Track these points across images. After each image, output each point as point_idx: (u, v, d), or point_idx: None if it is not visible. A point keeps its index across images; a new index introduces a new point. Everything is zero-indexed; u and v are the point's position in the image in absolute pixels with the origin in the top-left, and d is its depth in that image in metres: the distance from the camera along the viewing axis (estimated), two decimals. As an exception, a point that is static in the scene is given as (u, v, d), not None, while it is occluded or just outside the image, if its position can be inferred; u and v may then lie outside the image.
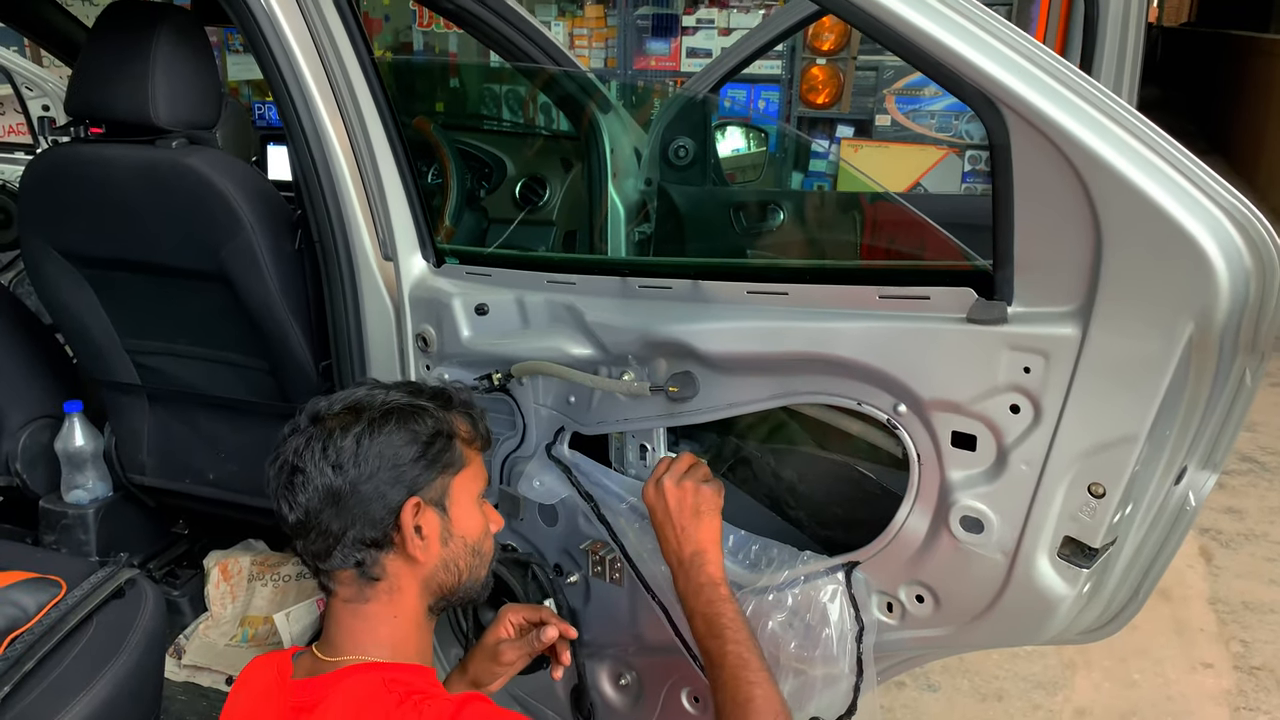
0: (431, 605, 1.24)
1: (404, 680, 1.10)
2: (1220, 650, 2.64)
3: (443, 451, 1.21)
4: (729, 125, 3.06)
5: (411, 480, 1.17)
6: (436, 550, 1.20)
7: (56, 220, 1.92)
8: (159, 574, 2.35)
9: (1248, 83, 9.31)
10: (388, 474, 1.16)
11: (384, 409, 1.19)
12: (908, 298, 1.17)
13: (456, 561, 1.23)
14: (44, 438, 2.22)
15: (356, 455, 1.15)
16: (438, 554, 1.21)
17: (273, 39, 1.55)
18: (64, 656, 1.43)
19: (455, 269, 1.61)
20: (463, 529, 1.23)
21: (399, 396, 1.22)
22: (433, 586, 1.22)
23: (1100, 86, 0.99)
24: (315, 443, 1.16)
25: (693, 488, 1.33)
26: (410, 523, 1.17)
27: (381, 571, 1.18)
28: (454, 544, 1.22)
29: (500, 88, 4.04)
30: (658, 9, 5.48)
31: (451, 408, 1.26)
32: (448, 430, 1.22)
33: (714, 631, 1.23)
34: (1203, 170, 0.97)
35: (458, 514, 1.22)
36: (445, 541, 1.21)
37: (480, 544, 1.26)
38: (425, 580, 1.21)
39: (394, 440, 1.17)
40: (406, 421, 1.19)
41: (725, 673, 1.20)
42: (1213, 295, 0.96)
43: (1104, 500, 1.09)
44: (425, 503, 1.18)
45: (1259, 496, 3.47)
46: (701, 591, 1.27)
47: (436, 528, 1.20)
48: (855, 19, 1.07)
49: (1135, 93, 2.11)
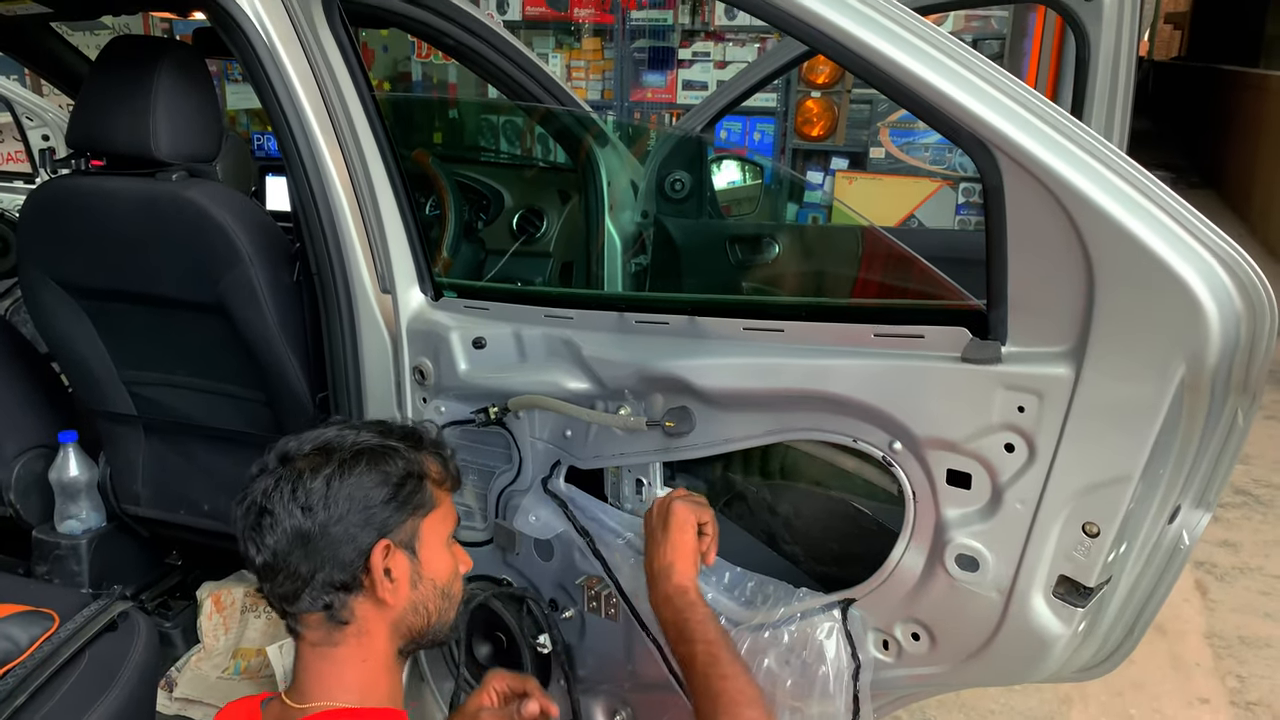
0: (401, 648, 1.22)
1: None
2: (1216, 685, 2.63)
3: (413, 493, 1.19)
4: (725, 159, 3.08)
5: (381, 522, 1.16)
6: (406, 593, 1.19)
7: (55, 251, 1.93)
8: (151, 605, 2.33)
9: (1238, 117, 9.41)
10: (358, 516, 1.15)
11: (354, 450, 1.18)
12: (903, 336, 1.18)
13: (426, 604, 1.22)
14: (38, 467, 2.21)
15: (326, 497, 1.14)
16: (407, 596, 1.19)
17: (273, 72, 1.57)
18: (56, 691, 1.42)
19: (453, 302, 1.62)
20: (432, 571, 1.22)
21: (369, 437, 1.21)
22: (402, 629, 1.21)
23: (1092, 131, 1.01)
24: (284, 484, 1.15)
25: (667, 503, 1.35)
26: (380, 565, 1.15)
27: (350, 615, 1.16)
28: (423, 586, 1.21)
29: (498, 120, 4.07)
30: (654, 42, 5.53)
31: (422, 448, 1.24)
32: (418, 471, 1.21)
33: (684, 637, 1.24)
34: (1192, 214, 0.99)
35: (427, 556, 1.21)
36: (415, 584, 1.20)
37: (449, 586, 1.25)
38: (394, 623, 1.20)
39: (364, 482, 1.16)
40: (377, 463, 1.18)
41: (697, 673, 1.20)
42: (1204, 337, 0.97)
43: (1098, 539, 1.10)
44: (395, 545, 1.17)
45: (1253, 530, 3.47)
46: (670, 601, 1.29)
47: (406, 570, 1.18)
48: (852, 64, 1.09)
49: (1127, 129, 2.13)
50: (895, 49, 1.05)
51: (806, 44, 1.13)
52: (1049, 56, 4.28)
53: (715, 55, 5.42)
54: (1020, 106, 1.02)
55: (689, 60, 5.48)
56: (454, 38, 2.16)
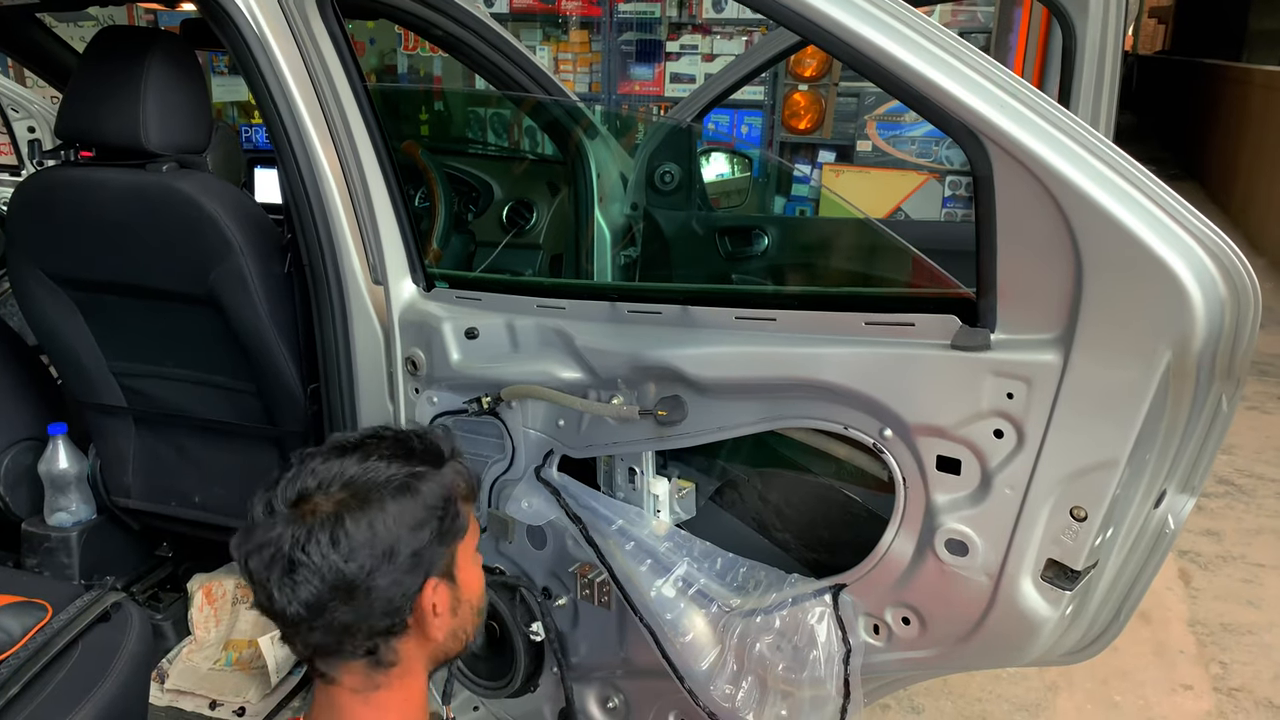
0: (432, 673, 1.19)
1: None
2: (1200, 672, 2.66)
3: (453, 520, 1.13)
4: (713, 151, 3.09)
5: (429, 561, 1.09)
6: (449, 623, 1.14)
7: (45, 243, 1.92)
8: (142, 597, 2.33)
9: (1221, 110, 9.48)
10: (406, 560, 1.07)
11: (392, 486, 1.08)
12: (893, 324, 1.20)
13: (465, 627, 1.18)
14: (27, 460, 2.21)
15: (372, 544, 1.05)
16: (449, 626, 1.14)
17: (264, 63, 1.57)
18: (49, 681, 1.43)
19: (445, 293, 1.63)
20: (470, 593, 1.18)
21: (397, 468, 1.10)
22: (438, 657, 1.18)
23: (1079, 120, 1.03)
24: (320, 531, 1.04)
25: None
26: (430, 604, 1.10)
27: (395, 657, 1.10)
28: (462, 610, 1.16)
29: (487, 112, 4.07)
30: (642, 35, 5.53)
31: (444, 462, 1.16)
32: (451, 494, 1.13)
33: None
34: (1178, 202, 1.00)
35: (465, 578, 1.16)
36: (455, 611, 1.15)
37: (483, 600, 1.22)
38: (434, 655, 1.16)
39: (406, 520, 1.07)
40: (415, 496, 1.09)
41: None
42: (1189, 323, 0.99)
43: (1086, 523, 1.11)
44: (439, 578, 1.12)
45: (1236, 519, 3.51)
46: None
47: (447, 600, 1.13)
48: (843, 54, 1.10)
49: (1112, 121, 2.15)
50: (887, 39, 1.06)
51: (800, 35, 1.15)
52: (1035, 50, 4.30)
53: (703, 48, 5.43)
54: (1010, 96, 1.04)
55: (676, 53, 5.49)
56: (443, 29, 2.16)
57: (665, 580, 1.44)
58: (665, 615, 1.43)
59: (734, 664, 1.40)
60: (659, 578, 1.45)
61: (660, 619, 1.43)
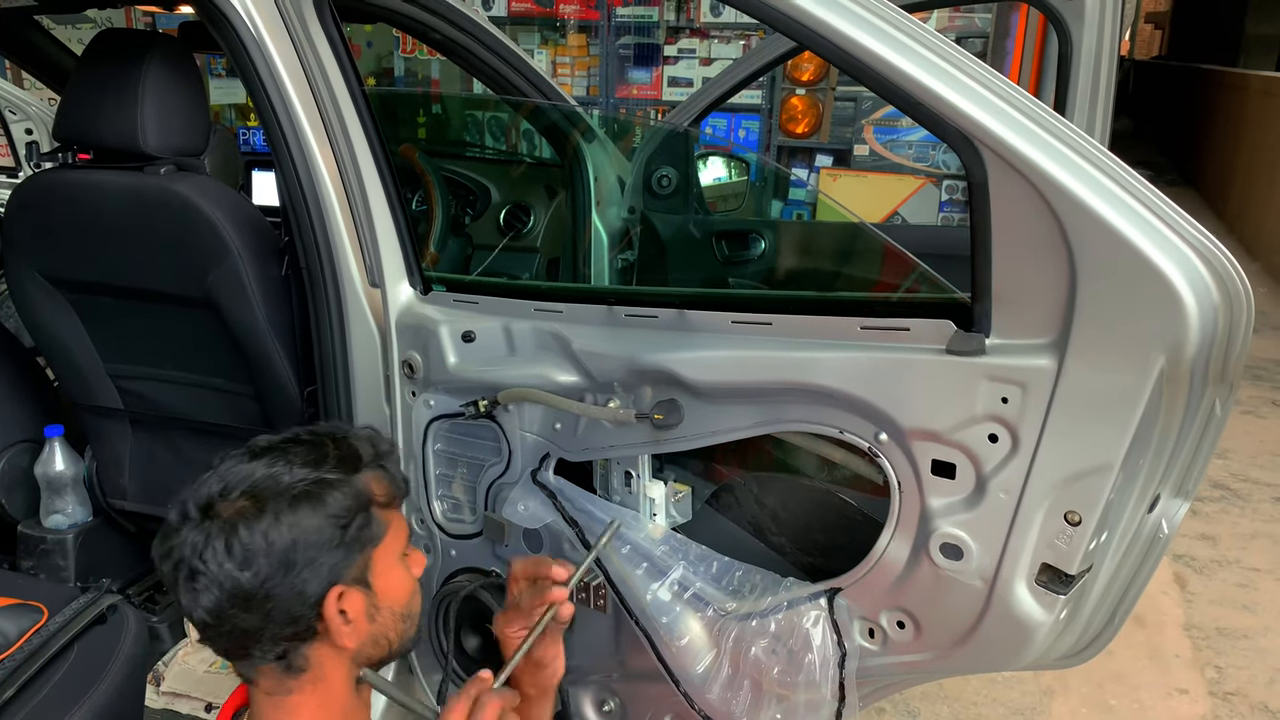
0: (359, 678, 1.15)
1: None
2: (1195, 676, 2.67)
3: (362, 528, 1.10)
4: (710, 155, 3.10)
5: (331, 569, 1.07)
6: (365, 629, 1.12)
7: (42, 245, 1.92)
8: (138, 600, 2.33)
9: (1217, 115, 9.51)
10: (305, 570, 1.05)
11: (291, 494, 1.06)
12: (889, 329, 1.20)
13: (386, 634, 1.15)
14: (23, 462, 2.21)
15: (267, 552, 1.03)
16: (366, 632, 1.12)
17: (262, 66, 1.57)
18: (45, 683, 1.43)
19: (442, 296, 1.63)
20: (390, 599, 1.14)
21: (303, 474, 1.08)
22: (361, 662, 1.14)
23: (1074, 127, 1.03)
24: (215, 540, 1.03)
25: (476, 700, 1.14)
26: (334, 612, 1.08)
27: (305, 662, 1.09)
28: (382, 617, 1.13)
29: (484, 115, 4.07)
30: (639, 39, 5.54)
31: (361, 468, 1.13)
32: (364, 501, 1.11)
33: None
34: (1171, 208, 1.01)
35: (383, 585, 1.13)
36: (373, 618, 1.12)
37: (410, 606, 1.18)
38: (353, 660, 1.13)
39: (306, 527, 1.05)
40: (317, 505, 1.07)
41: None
42: (1183, 329, 1.00)
43: (1080, 528, 1.12)
44: (349, 585, 1.09)
45: (1231, 523, 3.52)
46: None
47: (362, 607, 1.10)
48: (838, 60, 1.11)
49: (1108, 126, 2.16)
50: (883, 46, 1.07)
51: (798, 42, 1.15)
52: (1031, 55, 4.31)
53: (700, 52, 5.43)
54: (1005, 103, 1.04)
55: (674, 57, 5.49)
56: (441, 33, 2.17)
57: (661, 584, 1.44)
58: (661, 619, 1.44)
59: (730, 668, 1.40)
60: (655, 581, 1.45)
61: (656, 622, 1.44)
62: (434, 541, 1.74)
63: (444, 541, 1.73)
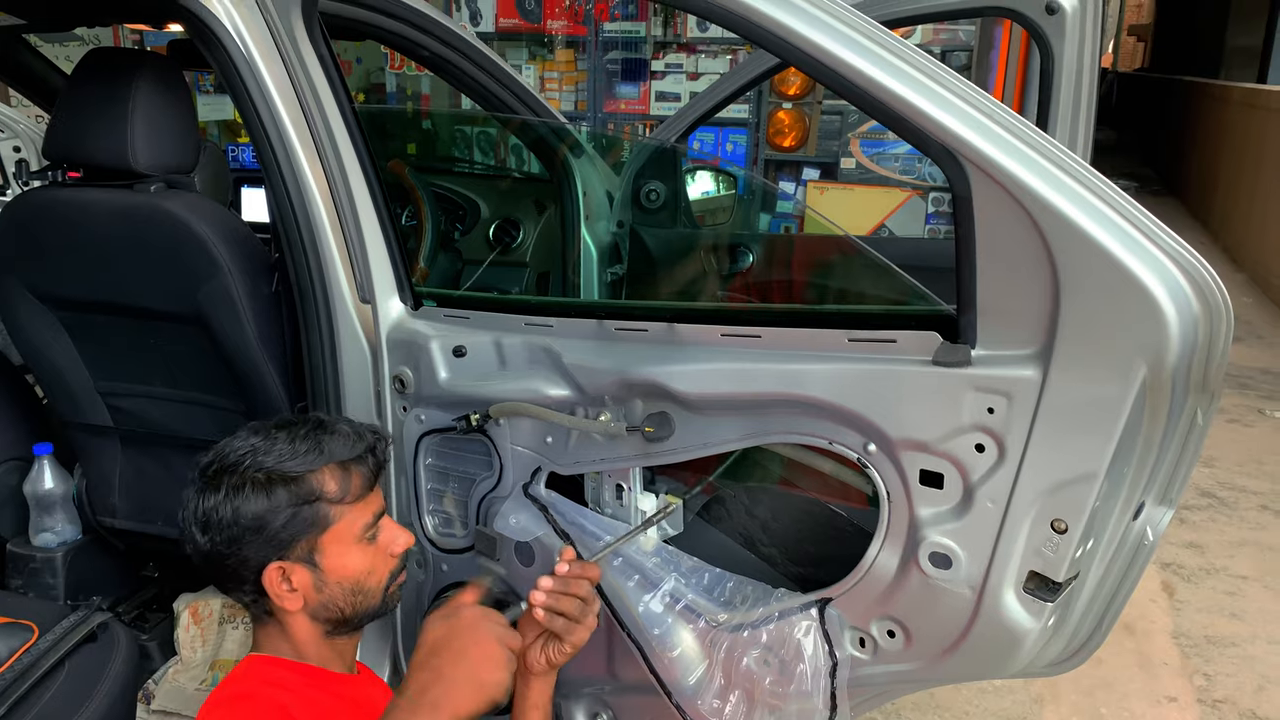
0: (328, 630, 1.29)
1: (257, 673, 1.23)
2: (1184, 684, 2.68)
3: (304, 520, 1.24)
4: (698, 169, 3.12)
5: (271, 548, 1.23)
6: (313, 598, 1.26)
7: (32, 263, 1.92)
8: (128, 617, 2.31)
9: (1199, 127, 9.60)
10: (250, 543, 1.22)
11: (246, 479, 1.22)
12: (876, 340, 1.21)
13: (335, 603, 1.27)
14: (12, 480, 2.20)
15: (218, 524, 1.22)
16: (315, 599, 1.26)
17: (251, 84, 1.58)
18: (35, 702, 1.42)
19: (433, 311, 1.64)
20: (339, 575, 1.27)
21: (268, 464, 1.23)
22: (320, 619, 1.28)
23: (1055, 142, 1.05)
24: (190, 502, 1.24)
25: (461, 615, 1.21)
26: (275, 585, 1.23)
27: (265, 615, 1.28)
28: (329, 590, 1.26)
29: (473, 131, 4.09)
30: (627, 54, 5.57)
31: (320, 464, 1.25)
32: (309, 497, 1.24)
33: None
34: (1152, 221, 1.03)
35: (331, 564, 1.26)
36: (320, 589, 1.26)
37: (362, 582, 1.29)
38: (311, 616, 1.27)
39: (250, 510, 1.21)
40: (263, 496, 1.22)
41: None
42: (1164, 339, 1.01)
43: (1066, 536, 1.13)
44: (292, 562, 1.24)
45: (1218, 531, 3.54)
46: None
47: (308, 580, 1.25)
48: (824, 77, 1.13)
49: (1090, 138, 2.18)
50: (867, 63, 1.09)
51: (781, 58, 1.17)
52: (1015, 68, 4.35)
53: (688, 67, 5.47)
54: (987, 118, 1.06)
55: (661, 72, 5.52)
56: (430, 49, 2.18)
57: (653, 595, 1.45)
58: (653, 630, 1.44)
59: (721, 678, 1.41)
60: (646, 593, 1.46)
61: (648, 634, 1.44)
62: (425, 556, 1.74)
63: (435, 556, 1.73)
